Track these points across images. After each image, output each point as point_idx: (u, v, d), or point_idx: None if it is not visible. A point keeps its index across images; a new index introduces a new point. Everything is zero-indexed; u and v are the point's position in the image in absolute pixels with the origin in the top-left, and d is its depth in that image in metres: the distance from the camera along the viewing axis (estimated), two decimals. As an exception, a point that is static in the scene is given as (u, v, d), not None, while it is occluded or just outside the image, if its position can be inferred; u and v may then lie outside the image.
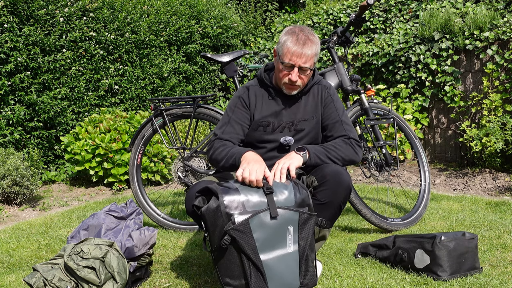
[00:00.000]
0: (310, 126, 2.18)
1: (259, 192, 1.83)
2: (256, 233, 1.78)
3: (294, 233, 1.84)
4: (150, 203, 3.17)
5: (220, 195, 1.77)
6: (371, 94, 3.08)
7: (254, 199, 1.81)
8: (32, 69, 4.47)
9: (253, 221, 1.77)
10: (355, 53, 5.48)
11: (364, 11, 3.01)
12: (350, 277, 2.20)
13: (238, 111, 2.18)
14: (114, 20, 5.15)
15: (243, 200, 1.79)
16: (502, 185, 4.02)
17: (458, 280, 2.11)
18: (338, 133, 2.16)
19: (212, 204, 1.78)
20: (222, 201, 1.76)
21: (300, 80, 2.09)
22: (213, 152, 2.09)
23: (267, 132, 2.16)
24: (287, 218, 1.82)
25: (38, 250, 2.77)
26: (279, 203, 1.83)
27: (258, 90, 2.21)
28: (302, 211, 1.84)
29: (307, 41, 2.04)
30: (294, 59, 2.04)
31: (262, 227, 1.79)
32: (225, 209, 1.76)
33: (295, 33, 2.06)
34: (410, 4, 5.73)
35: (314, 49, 2.06)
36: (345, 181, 2.00)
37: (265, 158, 2.15)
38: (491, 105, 4.39)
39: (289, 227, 1.83)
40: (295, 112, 2.17)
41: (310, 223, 1.86)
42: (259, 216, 1.78)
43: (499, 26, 4.55)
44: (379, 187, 4.10)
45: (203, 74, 6.24)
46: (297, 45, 2.03)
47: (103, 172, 4.45)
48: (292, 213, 1.83)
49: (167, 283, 2.24)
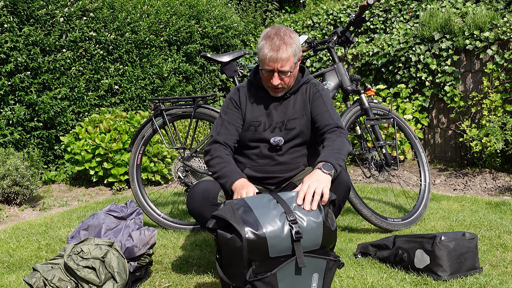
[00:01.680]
0: (301, 124, 2.19)
1: (282, 228, 1.61)
2: (281, 283, 1.63)
3: (319, 280, 1.69)
4: (150, 203, 3.17)
5: (242, 234, 1.58)
6: (371, 94, 3.08)
7: (279, 244, 1.60)
8: (32, 69, 4.47)
9: (279, 272, 1.62)
10: (355, 53, 5.48)
11: (364, 11, 3.01)
12: (350, 277, 2.20)
13: (230, 112, 2.21)
14: (114, 20, 5.15)
15: (267, 243, 1.58)
16: (502, 185, 4.01)
17: (458, 280, 2.11)
18: (325, 121, 2.15)
19: (234, 243, 1.60)
20: (245, 246, 1.57)
21: (283, 82, 2.11)
22: (210, 159, 2.12)
23: (258, 132, 2.18)
24: (313, 266, 1.67)
25: (38, 250, 2.77)
26: (305, 246, 1.63)
27: (248, 91, 2.25)
28: (329, 258, 1.69)
29: (282, 45, 2.04)
30: (272, 64, 2.05)
31: (287, 277, 1.64)
32: (247, 254, 1.59)
33: (270, 38, 2.06)
34: (410, 4, 5.73)
35: (289, 51, 2.05)
36: (344, 180, 2.00)
37: (257, 158, 2.19)
38: (491, 105, 4.39)
39: (315, 275, 1.68)
40: (284, 112, 2.19)
41: (334, 268, 1.73)
42: (285, 266, 1.62)
43: (499, 26, 4.55)
44: (379, 187, 4.10)
45: (203, 74, 6.24)
46: (272, 51, 2.03)
47: (103, 172, 4.45)
48: (320, 261, 1.68)
49: (167, 283, 2.24)
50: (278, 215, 1.64)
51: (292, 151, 2.19)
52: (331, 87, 3.06)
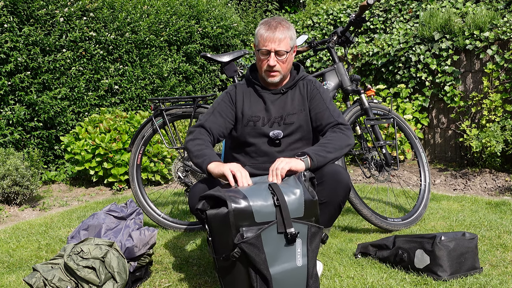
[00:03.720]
0: (299, 119, 2.20)
1: (267, 199, 1.75)
2: (267, 246, 1.72)
3: (303, 246, 1.77)
4: (150, 203, 3.17)
5: (229, 204, 1.70)
6: (371, 94, 3.09)
7: (263, 210, 1.73)
8: (32, 69, 4.47)
9: (264, 234, 1.72)
10: (355, 53, 5.48)
11: (364, 11, 3.01)
12: (350, 277, 2.20)
13: (223, 104, 2.23)
14: (114, 20, 5.15)
15: (252, 210, 1.71)
16: (502, 185, 4.01)
17: (458, 280, 2.11)
18: (326, 120, 2.17)
19: (221, 212, 1.71)
20: (231, 211, 1.69)
21: (279, 65, 2.14)
22: (190, 139, 2.11)
23: (257, 127, 2.19)
24: (296, 231, 1.76)
25: (38, 250, 2.77)
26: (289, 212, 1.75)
27: (245, 88, 2.27)
28: (311, 223, 1.78)
29: (278, 25, 2.12)
30: (268, 45, 2.10)
31: (271, 240, 1.73)
32: (234, 220, 1.70)
33: (267, 22, 2.15)
34: (410, 4, 5.73)
35: (286, 33, 2.12)
36: (344, 180, 2.00)
37: (256, 154, 2.20)
38: (491, 105, 4.39)
39: (298, 240, 1.76)
40: (283, 107, 2.21)
41: (318, 236, 1.80)
42: (269, 228, 1.73)
43: (499, 26, 4.55)
44: (379, 187, 4.10)
45: (203, 74, 6.24)
46: (269, 31, 2.10)
47: (103, 172, 4.45)
48: (301, 226, 1.76)
49: (167, 283, 2.24)
50: (264, 189, 1.79)
51: (292, 148, 2.20)
52: (331, 87, 3.06)
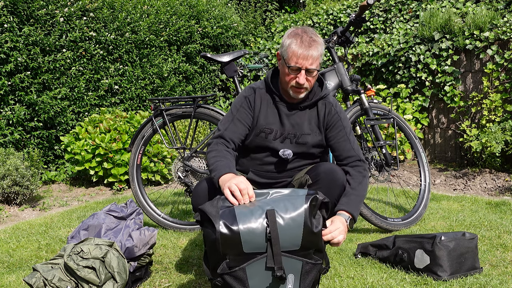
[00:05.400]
0: (313, 141, 2.13)
1: (260, 228, 1.58)
2: (253, 280, 1.59)
3: (295, 281, 1.63)
4: (150, 203, 3.17)
5: (217, 228, 1.57)
6: (371, 94, 3.08)
7: (254, 240, 1.57)
8: (32, 69, 4.47)
9: (251, 267, 1.59)
10: (355, 53, 5.48)
11: (364, 11, 3.01)
12: (350, 277, 2.20)
13: (242, 111, 2.13)
14: (114, 20, 5.15)
15: (240, 239, 1.56)
16: (502, 185, 4.02)
17: (458, 280, 2.11)
18: (347, 153, 2.11)
19: (211, 235, 1.60)
20: (218, 237, 1.56)
21: (308, 83, 2.04)
22: (210, 151, 2.07)
23: (268, 140, 2.12)
24: (289, 266, 1.61)
25: (38, 250, 2.77)
26: (283, 246, 1.59)
27: (264, 94, 2.16)
28: (306, 260, 1.63)
29: (312, 42, 1.99)
30: (301, 62, 1.98)
31: (259, 274, 1.59)
32: (221, 247, 1.57)
33: (299, 35, 2.01)
34: (410, 4, 5.73)
35: (319, 50, 2.01)
36: (339, 179, 1.98)
37: (262, 164, 2.15)
38: (491, 105, 4.39)
39: (290, 276, 1.62)
40: (299, 124, 2.13)
41: (313, 272, 1.65)
42: (258, 262, 1.59)
43: (499, 26, 4.55)
44: (379, 187, 4.10)
45: (203, 74, 6.24)
46: (302, 48, 1.97)
47: (103, 172, 4.45)
48: (295, 261, 1.61)
49: (167, 283, 2.24)
50: (257, 211, 1.61)
51: (299, 160, 2.15)
52: (331, 87, 3.06)
